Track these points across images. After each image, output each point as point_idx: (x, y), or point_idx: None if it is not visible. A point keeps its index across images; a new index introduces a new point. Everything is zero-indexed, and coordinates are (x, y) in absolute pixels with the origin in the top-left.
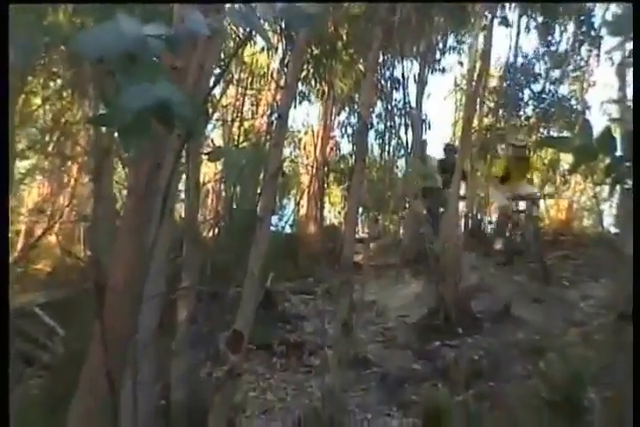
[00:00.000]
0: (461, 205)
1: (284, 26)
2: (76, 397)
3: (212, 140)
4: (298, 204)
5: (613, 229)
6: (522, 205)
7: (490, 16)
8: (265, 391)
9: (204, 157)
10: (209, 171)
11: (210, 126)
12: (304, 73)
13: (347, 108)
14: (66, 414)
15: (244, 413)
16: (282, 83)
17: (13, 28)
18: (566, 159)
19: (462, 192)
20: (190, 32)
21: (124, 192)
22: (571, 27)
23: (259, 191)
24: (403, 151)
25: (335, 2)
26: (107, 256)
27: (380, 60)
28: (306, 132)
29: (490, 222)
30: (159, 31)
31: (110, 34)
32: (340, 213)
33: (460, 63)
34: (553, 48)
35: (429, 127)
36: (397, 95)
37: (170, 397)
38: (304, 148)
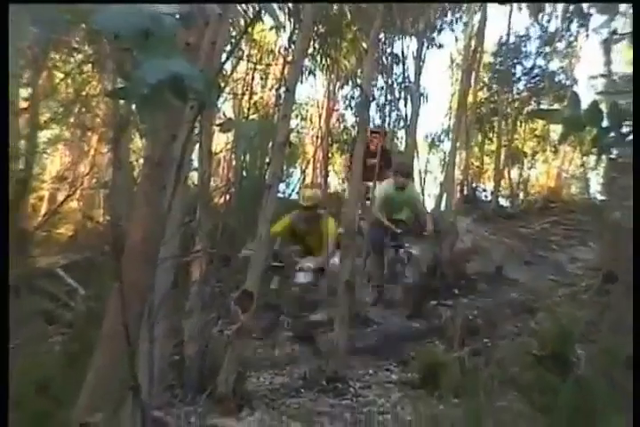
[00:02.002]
0: (457, 173)
1: (291, 5)
2: (96, 352)
3: (224, 113)
4: (303, 172)
5: (600, 197)
6: None
7: None
8: (273, 348)
9: (216, 128)
10: (220, 141)
11: (221, 99)
12: (310, 49)
13: (350, 83)
14: (86, 369)
15: (252, 368)
16: (289, 58)
17: (38, 5)
18: (556, 130)
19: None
20: (203, 11)
21: (141, 161)
22: (560, 5)
23: (267, 160)
24: (402, 123)
25: (336, 2)
26: (125, 221)
27: (382, 37)
28: (311, 105)
29: (484, 190)
30: (173, 9)
31: (127, 12)
32: (343, 180)
33: (456, 38)
34: (544, 26)
35: (427, 100)
36: (397, 70)
37: (183, 352)
38: (310, 119)
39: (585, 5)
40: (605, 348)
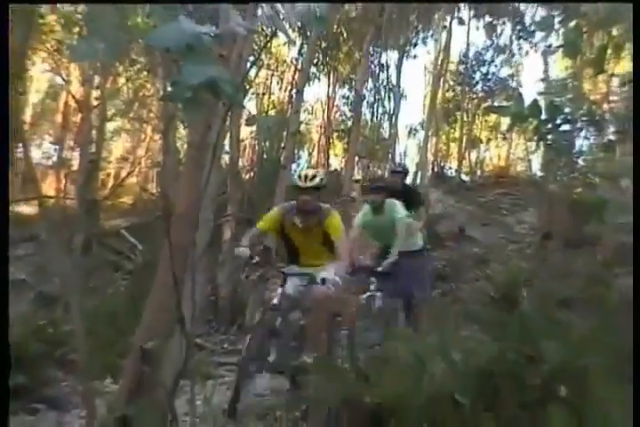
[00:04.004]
0: (429, 155)
1: (300, 25)
2: (151, 293)
3: (249, 110)
4: (310, 154)
5: (539, 173)
6: None
7: (450, 17)
8: None
9: (243, 121)
10: (246, 131)
11: (247, 99)
12: (315, 60)
13: (346, 85)
14: (143, 306)
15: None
16: (299, 67)
17: (105, 27)
18: (505, 122)
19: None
20: (232, 31)
21: (185, 146)
22: (509, 25)
23: (282, 145)
24: (387, 116)
25: (338, 2)
26: (172, 192)
27: (371, 50)
28: (316, 103)
29: (450, 168)
30: (210, 30)
31: (174, 32)
32: (341, 161)
33: (428, 52)
34: (496, 41)
35: (406, 99)
36: (383, 76)
37: (218, 294)
38: (315, 114)
39: (527, 23)
40: (544, 290)
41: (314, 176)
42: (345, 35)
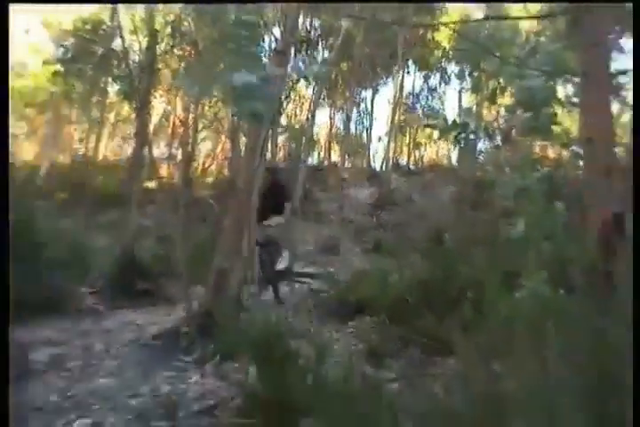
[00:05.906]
0: (390, 153)
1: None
2: (223, 235)
3: (282, 125)
4: (319, 153)
5: (456, 164)
6: None
7: (402, 70)
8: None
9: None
10: (281, 138)
11: (281, 118)
12: (322, 95)
13: (340, 111)
14: (213, 255)
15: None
16: (312, 99)
17: (197, 74)
18: (436, 133)
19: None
20: (271, 75)
21: (244, 147)
22: (438, 74)
23: (302, 147)
24: (364, 130)
25: (338, 2)
26: (237, 175)
27: (355, 89)
28: (322, 122)
29: (403, 160)
30: (257, 75)
31: (237, 79)
32: (338, 157)
33: (390, 90)
34: (430, 84)
35: (377, 120)
36: (362, 105)
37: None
38: (322, 128)
39: (449, 73)
40: (458, 234)
41: None
42: (340, 80)
